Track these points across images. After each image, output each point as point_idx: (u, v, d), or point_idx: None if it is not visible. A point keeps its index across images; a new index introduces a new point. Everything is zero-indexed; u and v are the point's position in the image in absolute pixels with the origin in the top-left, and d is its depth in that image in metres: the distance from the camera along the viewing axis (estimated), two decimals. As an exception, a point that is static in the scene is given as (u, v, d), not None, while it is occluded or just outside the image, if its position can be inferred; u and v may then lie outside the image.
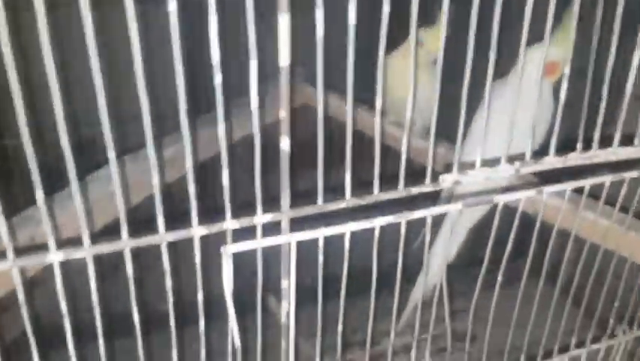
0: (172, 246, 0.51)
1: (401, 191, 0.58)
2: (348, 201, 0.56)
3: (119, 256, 0.51)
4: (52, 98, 0.41)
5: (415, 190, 0.58)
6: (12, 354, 0.91)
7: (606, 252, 0.75)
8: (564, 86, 0.61)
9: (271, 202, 0.55)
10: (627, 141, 0.67)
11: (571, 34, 0.63)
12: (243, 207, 0.56)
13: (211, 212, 0.55)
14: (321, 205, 0.55)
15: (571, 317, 0.76)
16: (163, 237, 0.50)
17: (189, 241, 0.52)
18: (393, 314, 0.66)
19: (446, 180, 0.59)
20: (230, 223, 0.52)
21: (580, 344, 0.78)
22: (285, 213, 0.54)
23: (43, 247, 0.47)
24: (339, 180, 0.56)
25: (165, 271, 0.52)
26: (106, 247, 0.49)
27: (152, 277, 0.78)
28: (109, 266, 1.06)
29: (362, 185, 0.59)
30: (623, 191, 0.71)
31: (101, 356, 0.55)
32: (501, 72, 1.11)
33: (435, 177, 0.59)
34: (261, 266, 0.56)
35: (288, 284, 0.58)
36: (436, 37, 1.28)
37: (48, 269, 0.50)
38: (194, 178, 0.50)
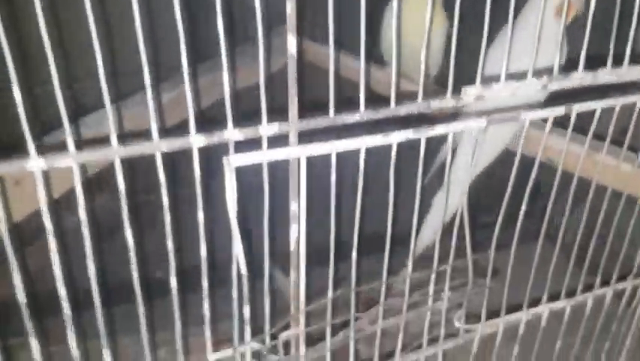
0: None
1: (420, 104, 0.53)
2: (363, 114, 0.51)
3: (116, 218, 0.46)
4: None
5: (434, 104, 0.54)
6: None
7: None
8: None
9: (280, 118, 0.50)
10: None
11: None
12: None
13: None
14: (332, 118, 0.50)
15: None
16: (157, 145, 0.46)
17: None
18: (412, 242, 0.62)
19: (469, 94, 0.55)
20: (232, 133, 0.48)
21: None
22: (294, 124, 0.49)
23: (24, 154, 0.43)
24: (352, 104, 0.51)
25: (161, 185, 0.47)
26: (93, 155, 0.44)
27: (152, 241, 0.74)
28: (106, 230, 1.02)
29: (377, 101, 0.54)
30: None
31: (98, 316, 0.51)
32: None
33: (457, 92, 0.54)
34: (268, 185, 0.52)
35: (298, 206, 0.53)
36: None
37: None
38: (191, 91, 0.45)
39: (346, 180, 0.57)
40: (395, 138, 0.53)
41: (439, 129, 0.54)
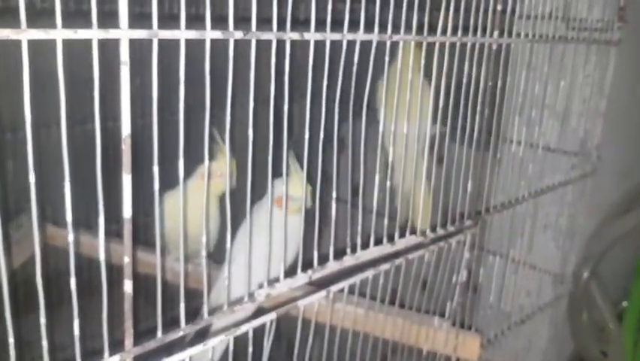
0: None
1: (225, 311, 0.66)
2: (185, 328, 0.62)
3: None
4: None
5: (237, 308, 0.67)
6: None
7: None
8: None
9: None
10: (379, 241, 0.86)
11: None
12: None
13: None
14: (161, 338, 0.59)
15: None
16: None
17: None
18: None
19: (260, 294, 0.69)
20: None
21: None
22: (130, 352, 0.57)
23: None
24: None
25: None
26: None
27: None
28: None
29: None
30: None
31: None
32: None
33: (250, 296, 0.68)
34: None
35: None
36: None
37: None
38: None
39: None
40: (212, 342, 0.64)
41: (244, 327, 0.67)
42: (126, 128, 0.52)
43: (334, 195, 0.77)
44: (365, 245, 0.83)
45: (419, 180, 0.92)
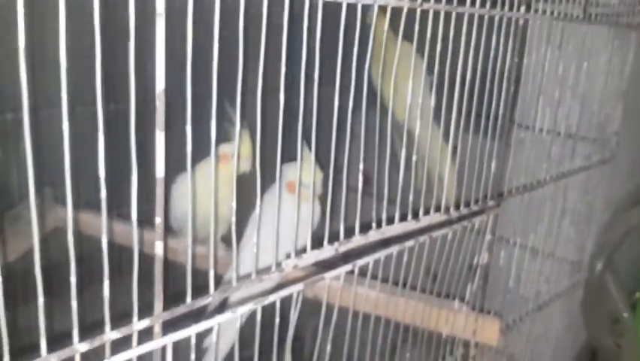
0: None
1: (254, 280, 0.64)
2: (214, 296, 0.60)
3: None
4: None
5: (265, 278, 0.65)
6: None
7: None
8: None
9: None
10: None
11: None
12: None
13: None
14: (191, 303, 0.58)
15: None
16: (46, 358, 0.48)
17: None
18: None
19: (288, 264, 0.67)
20: (110, 335, 0.52)
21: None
22: (160, 316, 0.56)
23: None
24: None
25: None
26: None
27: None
28: None
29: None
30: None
31: None
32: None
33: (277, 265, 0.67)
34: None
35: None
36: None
37: None
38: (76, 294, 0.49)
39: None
40: (240, 310, 0.62)
41: (272, 297, 0.65)
42: (160, 83, 0.50)
43: (361, 167, 0.75)
44: (390, 221, 0.81)
45: (444, 151, 0.90)
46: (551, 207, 1.28)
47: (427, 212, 0.87)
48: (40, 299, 0.47)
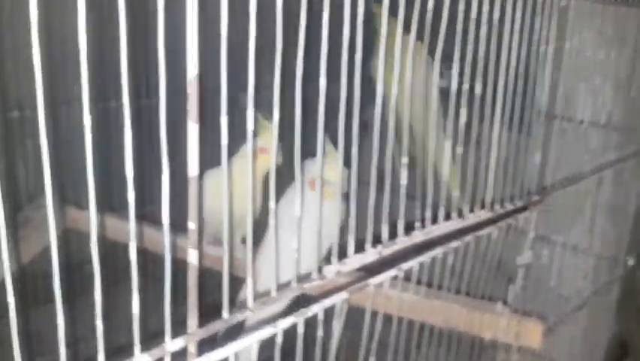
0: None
1: (295, 289, 0.58)
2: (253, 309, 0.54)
3: None
4: None
5: (307, 286, 0.59)
6: None
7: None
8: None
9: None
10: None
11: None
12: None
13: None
14: (228, 318, 0.52)
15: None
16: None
17: None
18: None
19: (331, 271, 0.61)
20: (140, 359, 0.45)
21: None
22: (195, 335, 0.49)
23: None
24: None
25: None
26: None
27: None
28: None
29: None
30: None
31: None
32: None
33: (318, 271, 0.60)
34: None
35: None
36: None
37: None
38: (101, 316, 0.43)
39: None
40: (282, 324, 0.56)
41: (315, 308, 0.58)
42: (193, 68, 0.43)
43: (405, 160, 0.69)
44: (434, 219, 0.74)
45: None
46: (590, 201, 1.21)
47: (471, 209, 0.80)
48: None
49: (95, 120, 0.41)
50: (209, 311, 0.53)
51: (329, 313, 0.60)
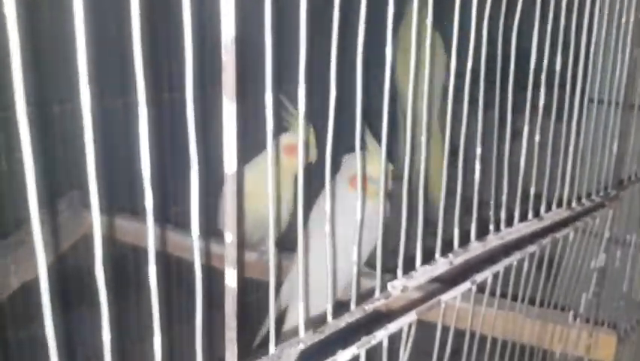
0: None
1: (354, 313, 0.46)
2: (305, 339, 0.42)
3: None
4: None
5: (368, 307, 0.47)
6: None
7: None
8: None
9: None
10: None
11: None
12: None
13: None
14: (276, 353, 0.40)
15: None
16: None
17: None
18: None
19: (396, 287, 0.50)
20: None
21: None
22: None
23: None
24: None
25: None
26: None
27: None
28: None
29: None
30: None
31: None
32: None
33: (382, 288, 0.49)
34: None
35: None
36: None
37: None
38: None
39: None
40: (341, 357, 0.44)
41: (379, 335, 0.47)
42: (230, 29, 0.32)
43: (478, 152, 0.57)
44: (509, 222, 0.63)
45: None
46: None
47: (548, 208, 0.68)
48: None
49: (116, 117, 0.31)
50: (243, 335, 0.42)
51: (395, 336, 0.49)
